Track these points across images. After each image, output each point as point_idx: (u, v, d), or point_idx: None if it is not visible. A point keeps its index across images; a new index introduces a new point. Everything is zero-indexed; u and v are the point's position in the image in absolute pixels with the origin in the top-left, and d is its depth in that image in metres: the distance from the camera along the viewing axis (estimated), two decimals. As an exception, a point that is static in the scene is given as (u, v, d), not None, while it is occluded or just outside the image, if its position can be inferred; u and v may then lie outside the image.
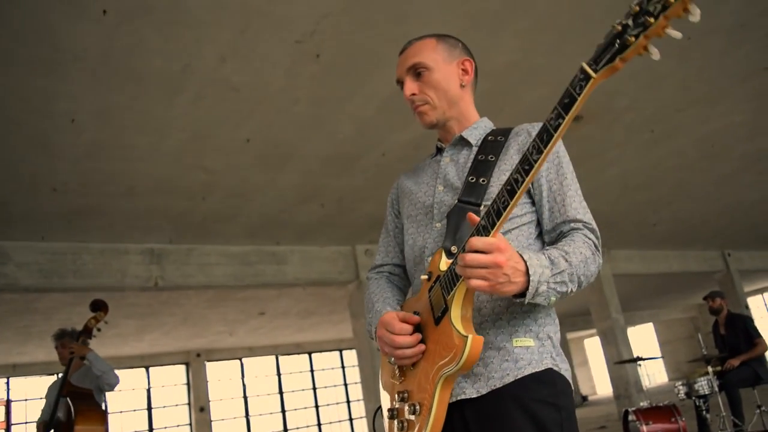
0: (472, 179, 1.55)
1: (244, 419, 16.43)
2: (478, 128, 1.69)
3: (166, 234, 7.57)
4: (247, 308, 12.00)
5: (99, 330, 4.95)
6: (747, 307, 14.36)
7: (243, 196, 6.81)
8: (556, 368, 1.44)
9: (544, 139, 1.13)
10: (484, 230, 1.25)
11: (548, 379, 1.41)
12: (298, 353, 17.90)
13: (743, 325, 6.65)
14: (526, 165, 1.17)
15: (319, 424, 17.74)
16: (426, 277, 1.49)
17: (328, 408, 18.06)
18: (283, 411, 17.20)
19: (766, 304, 24.91)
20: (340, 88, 4.95)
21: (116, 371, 4.94)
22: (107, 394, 5.02)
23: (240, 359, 16.80)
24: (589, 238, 1.47)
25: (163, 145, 5.33)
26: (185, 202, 6.65)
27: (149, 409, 15.09)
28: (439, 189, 1.64)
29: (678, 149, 7.32)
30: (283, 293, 11.03)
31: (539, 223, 1.57)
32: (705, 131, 6.94)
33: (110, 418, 13.97)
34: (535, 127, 1.58)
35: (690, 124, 6.68)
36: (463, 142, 1.68)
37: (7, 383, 13.37)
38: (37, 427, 4.90)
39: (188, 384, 15.75)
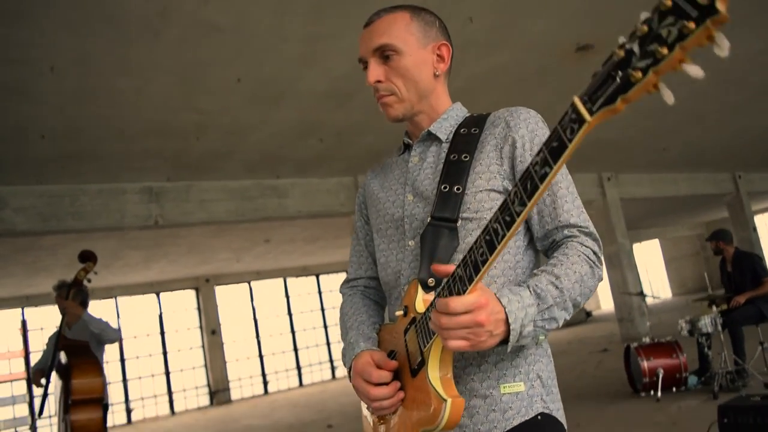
0: (444, 188, 1.36)
1: (255, 340, 16.85)
2: (448, 118, 1.48)
3: (163, 172, 7.44)
4: (252, 237, 12.02)
5: (89, 281, 4.90)
6: (755, 229, 14.23)
7: (238, 134, 6.63)
8: (546, 411, 1.31)
9: (528, 189, 0.94)
10: (461, 282, 1.08)
11: (537, 429, 1.28)
12: (306, 275, 18.12)
13: (751, 263, 6.52)
14: (507, 216, 0.99)
15: (328, 344, 18.19)
16: (401, 312, 1.34)
17: (337, 327, 18.41)
18: (293, 331, 17.60)
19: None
20: (332, 25, 4.67)
21: (128, 297, 4.93)
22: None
23: (248, 283, 17.04)
24: (587, 247, 1.29)
25: (150, 88, 5.13)
26: (179, 142, 6.49)
27: (162, 333, 15.47)
28: (409, 198, 1.45)
29: (691, 78, 6.98)
30: (287, 222, 11.01)
31: (529, 229, 1.39)
32: (720, 60, 6.59)
33: (125, 343, 14.40)
34: (514, 116, 1.37)
35: (704, 52, 6.33)
36: (431, 138, 1.48)
37: (22, 313, 13.67)
38: (34, 374, 4.95)
39: (199, 308, 16.07)
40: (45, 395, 4.66)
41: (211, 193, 8.13)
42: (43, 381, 4.76)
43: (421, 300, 1.28)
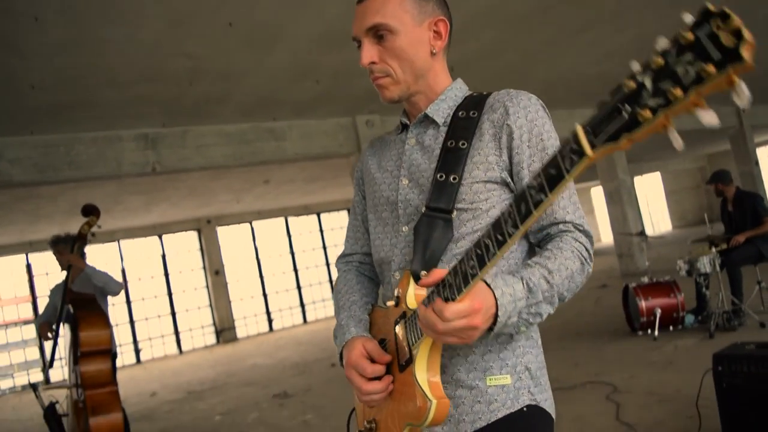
0: (441, 177, 1.33)
1: (258, 280, 17.05)
2: (446, 99, 1.42)
3: (158, 119, 7.34)
4: (252, 178, 11.97)
5: (93, 235, 4.91)
6: (757, 163, 14.14)
7: (233, 79, 6.50)
8: (533, 402, 1.31)
9: (521, 212, 0.92)
10: (450, 289, 1.07)
11: (523, 422, 1.29)
12: (307, 214, 18.16)
13: (752, 203, 6.48)
14: (499, 235, 0.97)
15: (330, 281, 18.41)
16: (393, 303, 1.33)
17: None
18: (295, 270, 17.80)
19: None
20: (324, -33, 4.50)
21: (129, 240, 4.96)
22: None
23: (250, 223, 17.10)
24: (580, 243, 1.28)
25: (139, 35, 4.99)
26: (172, 88, 6.37)
27: (166, 275, 15.63)
28: (404, 183, 1.42)
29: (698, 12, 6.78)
30: (286, 163, 10.95)
31: None
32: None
33: (130, 286, 14.57)
34: (513, 102, 1.33)
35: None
36: (428, 120, 1.44)
37: (27, 258, 13.79)
38: (41, 327, 5.02)
39: (201, 249, 16.19)
40: (54, 347, 4.74)
41: (208, 138, 8.04)
42: (50, 334, 4.83)
43: (413, 294, 1.27)
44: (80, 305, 4.57)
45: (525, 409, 1.29)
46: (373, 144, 1.63)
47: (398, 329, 1.28)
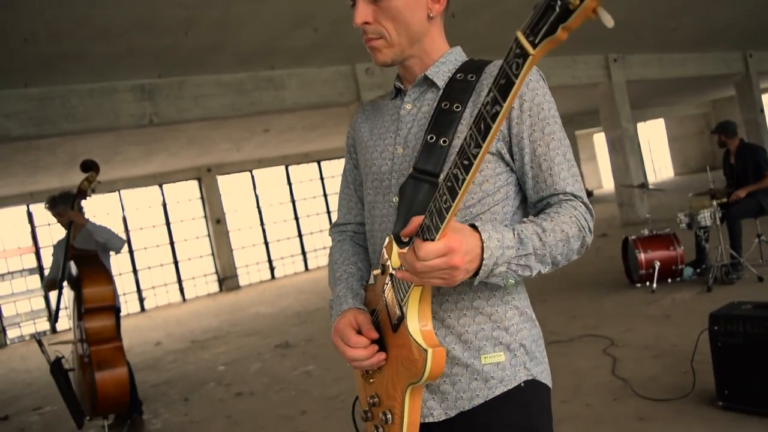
0: (431, 138, 1.28)
1: (260, 228, 17.11)
2: (446, 62, 1.37)
3: (154, 69, 7.22)
4: (251, 127, 11.86)
5: (93, 191, 4.89)
6: (762, 110, 13.95)
7: (228, 27, 6.37)
8: (530, 378, 1.32)
9: (481, 129, 0.91)
10: (428, 231, 1.05)
11: (520, 398, 1.30)
12: (307, 162, 18.08)
13: (754, 156, 6.41)
14: (465, 160, 0.95)
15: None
16: (378, 271, 1.32)
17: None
18: (296, 218, 17.83)
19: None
20: None
21: (130, 190, 4.95)
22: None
23: (250, 171, 17.04)
24: (579, 212, 1.25)
25: (131, -14, 4.85)
26: (167, 38, 6.24)
27: (168, 224, 15.68)
28: (399, 152, 1.38)
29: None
30: (286, 111, 10.84)
31: (520, 190, 1.35)
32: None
33: (132, 235, 14.63)
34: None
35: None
36: (427, 83, 1.38)
37: (28, 209, 13.80)
38: (47, 285, 5.05)
39: (202, 198, 16.18)
40: (58, 304, 4.79)
41: (205, 88, 7.93)
42: (55, 291, 4.86)
43: (396, 255, 1.25)
44: (82, 262, 4.59)
45: (522, 384, 1.30)
46: (364, 109, 1.57)
47: (387, 292, 1.27)
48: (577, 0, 0.74)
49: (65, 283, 4.66)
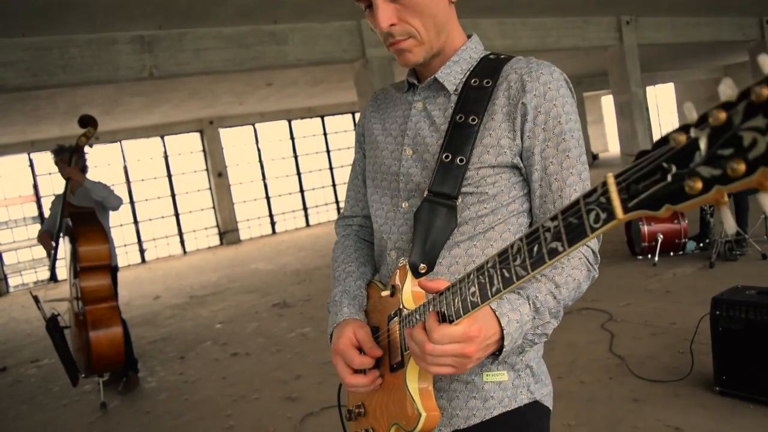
0: (446, 157, 1.19)
1: (262, 182, 17.02)
2: (459, 62, 1.26)
3: (155, 20, 7.02)
4: (253, 81, 11.66)
5: (91, 146, 4.80)
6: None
7: (231, -21, 6.15)
8: (531, 400, 1.25)
9: (533, 255, 0.80)
10: (448, 308, 0.97)
11: (519, 420, 1.23)
12: (311, 117, 17.86)
13: None
14: (506, 271, 0.85)
15: (333, 185, 18.39)
16: (388, 293, 1.24)
17: (342, 169, 18.54)
18: (299, 173, 17.73)
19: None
20: None
21: (131, 141, 4.87)
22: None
23: (253, 125, 16.85)
24: (588, 247, 1.18)
25: (129, -65, 4.65)
26: (167, -12, 6.04)
27: (169, 176, 15.59)
28: (407, 153, 1.28)
29: None
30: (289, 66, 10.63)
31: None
32: None
33: (133, 186, 14.57)
34: (532, 76, 1.16)
35: None
36: (438, 86, 1.27)
37: (29, 157, 13.70)
38: (42, 236, 5.00)
39: (204, 150, 16.05)
40: (55, 258, 4.76)
41: (206, 41, 7.73)
42: (53, 243, 4.82)
43: (410, 291, 1.18)
44: (79, 220, 4.53)
45: (523, 406, 1.24)
46: (376, 98, 1.47)
47: (392, 326, 1.20)
48: (699, 185, 0.55)
49: (63, 236, 4.63)
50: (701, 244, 6.42)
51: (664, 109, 27.35)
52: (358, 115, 19.53)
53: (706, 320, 3.36)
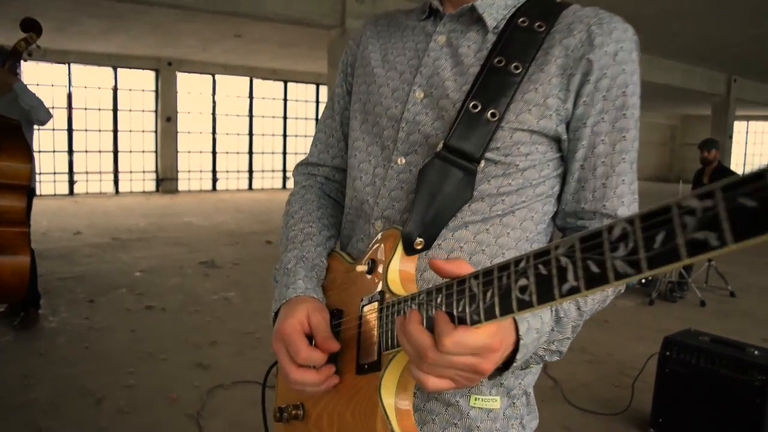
0: (474, 107, 0.90)
1: (210, 136, 16.39)
2: None
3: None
4: (222, 29, 11.11)
5: (30, 54, 4.31)
6: (731, 137, 14.09)
7: None
8: None
9: (588, 269, 0.52)
10: (472, 301, 0.66)
11: None
12: (274, 79, 17.31)
13: (730, 180, 6.27)
14: (548, 285, 0.56)
15: (284, 153, 17.92)
16: (365, 268, 0.94)
17: (297, 139, 18.08)
18: (251, 134, 17.17)
19: (747, 131, 24.98)
20: None
21: (81, 66, 4.41)
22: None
23: (213, 75, 16.18)
24: None
25: None
26: None
27: (115, 110, 14.77)
28: (417, 96, 0.98)
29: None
30: (262, 19, 10.14)
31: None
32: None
33: (74, 113, 13.76)
34: (603, 29, 0.90)
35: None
36: (473, 17, 0.98)
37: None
38: None
39: (156, 91, 15.30)
40: None
41: (180, -28, 7.22)
42: None
43: (398, 271, 0.89)
44: (3, 131, 4.07)
45: None
46: (377, 22, 1.15)
47: (367, 314, 0.90)
48: None
49: None
50: (643, 281, 6.39)
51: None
52: (323, 88, 19.10)
53: (654, 358, 3.22)
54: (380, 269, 0.90)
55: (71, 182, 14.28)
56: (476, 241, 0.94)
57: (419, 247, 0.90)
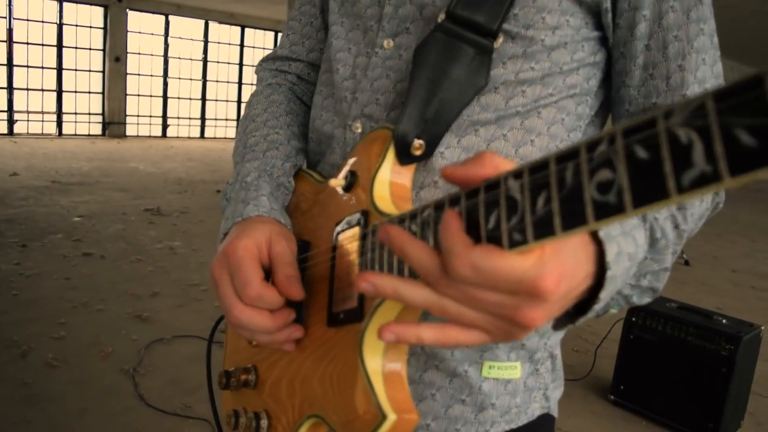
0: None
1: (162, 79, 15.67)
2: None
3: None
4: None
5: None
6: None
7: None
8: (545, 410, 0.80)
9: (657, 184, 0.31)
10: (510, 212, 0.40)
11: None
12: (231, 24, 16.60)
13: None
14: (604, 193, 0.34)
15: (239, 101, 17.34)
16: (341, 182, 0.69)
17: (252, 87, 17.46)
18: (204, 80, 16.50)
19: None
20: None
21: None
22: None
23: (166, 15, 15.38)
24: None
25: None
26: None
27: (60, 47, 13.89)
28: None
29: None
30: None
31: (607, 86, 0.75)
32: None
33: (15, 48, 12.91)
34: None
35: None
36: None
37: None
38: None
39: (105, 29, 14.46)
40: None
41: None
42: None
43: (387, 182, 0.65)
44: None
45: (532, 423, 0.78)
46: None
47: (345, 243, 0.65)
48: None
49: None
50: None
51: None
52: (281, 36, 19.01)
53: (619, 324, 3.11)
54: (363, 183, 0.66)
55: (11, 121, 13.46)
56: (490, 150, 0.69)
57: (418, 153, 0.66)
